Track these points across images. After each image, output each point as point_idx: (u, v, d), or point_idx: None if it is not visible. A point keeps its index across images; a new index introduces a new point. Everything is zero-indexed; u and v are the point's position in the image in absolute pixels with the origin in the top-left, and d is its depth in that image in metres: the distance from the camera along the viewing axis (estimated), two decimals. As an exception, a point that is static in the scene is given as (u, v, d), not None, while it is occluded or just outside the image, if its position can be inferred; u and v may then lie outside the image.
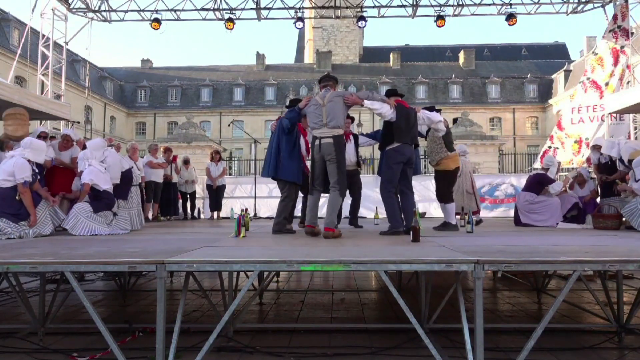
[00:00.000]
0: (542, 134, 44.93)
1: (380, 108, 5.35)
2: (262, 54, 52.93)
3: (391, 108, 5.38)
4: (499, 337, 4.08)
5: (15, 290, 4.33)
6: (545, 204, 7.04)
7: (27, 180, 5.11)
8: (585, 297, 5.82)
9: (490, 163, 26.17)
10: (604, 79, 10.78)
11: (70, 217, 5.49)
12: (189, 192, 10.92)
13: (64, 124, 12.62)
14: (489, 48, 57.38)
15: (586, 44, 43.84)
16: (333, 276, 7.63)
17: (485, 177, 13.93)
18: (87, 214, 5.52)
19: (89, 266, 3.21)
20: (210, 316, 4.86)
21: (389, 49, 55.13)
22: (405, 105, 5.57)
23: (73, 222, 5.44)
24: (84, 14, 13.52)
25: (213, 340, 3.12)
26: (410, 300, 4.00)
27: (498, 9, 13.15)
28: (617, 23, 10.87)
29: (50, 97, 11.87)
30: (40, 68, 13.07)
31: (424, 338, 3.07)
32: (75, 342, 4.01)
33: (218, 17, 13.50)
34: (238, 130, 42.04)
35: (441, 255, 3.25)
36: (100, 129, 41.62)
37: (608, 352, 3.76)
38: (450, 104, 44.58)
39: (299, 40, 62.66)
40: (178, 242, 4.50)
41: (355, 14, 14.06)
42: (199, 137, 26.19)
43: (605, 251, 3.65)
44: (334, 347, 3.83)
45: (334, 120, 4.99)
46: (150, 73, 51.06)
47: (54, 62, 13.19)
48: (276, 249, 3.99)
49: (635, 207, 5.87)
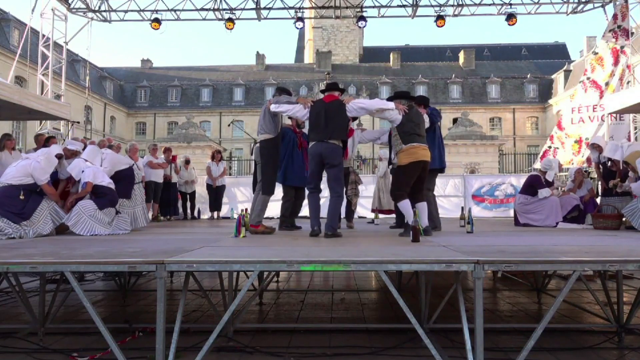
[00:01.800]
0: (542, 134, 44.94)
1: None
2: (262, 54, 52.97)
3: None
4: (499, 337, 4.08)
5: (15, 290, 4.34)
6: (541, 203, 7.04)
7: (49, 180, 5.57)
8: (585, 297, 5.81)
9: (490, 163, 26.20)
10: (604, 79, 10.78)
11: (73, 214, 5.52)
12: (188, 192, 10.92)
13: (64, 124, 12.62)
14: (489, 48, 57.40)
15: (586, 44, 43.87)
16: (333, 276, 7.63)
17: (485, 177, 13.91)
18: (90, 212, 5.53)
19: (89, 266, 3.21)
20: (210, 316, 4.86)
21: (389, 49, 55.14)
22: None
23: (75, 220, 5.47)
24: (84, 14, 13.53)
25: (213, 340, 3.12)
26: (410, 300, 4.01)
27: (498, 9, 13.15)
28: (617, 23, 10.87)
29: (50, 97, 11.88)
30: (40, 68, 13.08)
31: (424, 338, 3.07)
32: (75, 342, 4.01)
33: (218, 17, 13.51)
34: (238, 130, 42.04)
35: (441, 255, 3.25)
36: (100, 129, 41.62)
37: (608, 352, 3.76)
38: (450, 104, 44.61)
39: (299, 40, 62.68)
40: (178, 242, 4.50)
41: (355, 14, 14.06)
42: (199, 137, 26.21)
43: (605, 251, 3.65)
44: (334, 347, 3.83)
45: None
46: (150, 73, 51.07)
47: (54, 62, 13.19)
48: (276, 249, 3.99)
49: (636, 207, 5.87)
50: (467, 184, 12.66)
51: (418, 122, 5.34)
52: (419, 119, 5.41)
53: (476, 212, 11.07)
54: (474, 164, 26.20)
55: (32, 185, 5.35)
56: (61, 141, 11.71)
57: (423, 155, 5.21)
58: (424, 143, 5.28)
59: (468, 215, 5.67)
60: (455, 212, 10.71)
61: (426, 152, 5.25)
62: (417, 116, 5.38)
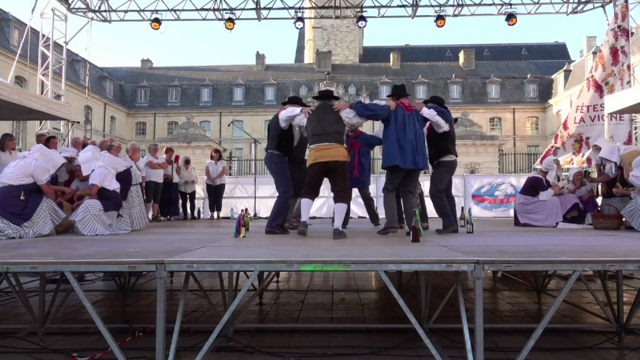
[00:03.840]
0: (542, 134, 44.96)
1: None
2: (262, 54, 52.93)
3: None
4: (499, 337, 4.08)
5: (15, 290, 4.34)
6: (541, 203, 7.03)
7: (48, 180, 5.59)
8: (585, 297, 5.81)
9: (490, 163, 26.19)
10: (604, 78, 10.77)
11: (80, 210, 5.57)
12: (188, 192, 10.92)
13: (64, 124, 12.62)
14: (489, 48, 57.38)
15: (586, 44, 43.89)
16: (333, 276, 7.63)
17: (485, 177, 13.92)
18: (95, 211, 5.58)
19: (89, 266, 3.21)
20: (210, 316, 4.87)
21: (389, 49, 55.12)
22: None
23: (81, 216, 5.55)
24: (84, 14, 13.51)
25: (213, 340, 3.12)
26: (410, 300, 4.01)
27: (498, 9, 13.14)
28: (617, 23, 10.86)
29: (50, 97, 11.87)
30: (40, 68, 13.07)
31: (424, 338, 3.07)
32: (75, 342, 4.01)
33: (218, 17, 13.49)
34: (238, 130, 42.03)
35: (441, 255, 3.25)
36: (100, 129, 41.62)
37: (608, 352, 3.76)
38: (450, 104, 43.98)
39: (299, 40, 62.66)
40: (178, 242, 4.50)
41: (355, 14, 14.06)
42: (199, 137, 26.20)
43: (605, 251, 3.65)
44: (334, 347, 3.83)
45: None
46: (150, 73, 51.05)
47: (54, 62, 13.18)
48: (276, 249, 3.99)
49: (635, 207, 5.87)
50: (467, 184, 12.67)
51: (321, 120, 5.09)
52: (324, 116, 5.13)
53: (476, 212, 11.08)
54: (474, 164, 26.20)
55: (32, 185, 5.36)
56: (61, 141, 11.72)
57: (322, 157, 4.98)
58: (329, 142, 4.99)
59: (468, 215, 5.68)
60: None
61: (328, 152, 4.97)
62: (321, 114, 5.16)
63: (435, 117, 5.36)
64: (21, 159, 5.53)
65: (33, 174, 5.33)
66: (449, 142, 5.61)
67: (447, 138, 5.57)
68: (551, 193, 7.06)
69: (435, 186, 5.63)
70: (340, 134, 5.13)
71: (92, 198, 5.73)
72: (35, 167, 5.36)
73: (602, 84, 10.79)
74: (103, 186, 5.81)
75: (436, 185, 5.63)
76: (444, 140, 5.57)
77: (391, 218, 5.30)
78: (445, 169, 5.65)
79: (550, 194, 7.05)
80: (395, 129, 5.20)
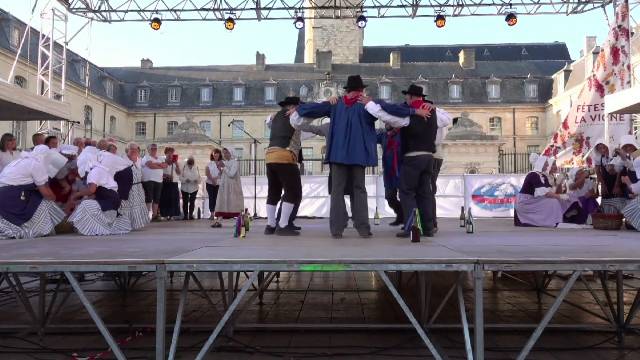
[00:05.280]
0: (542, 134, 44.95)
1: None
2: (262, 54, 52.91)
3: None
4: (499, 337, 4.08)
5: (15, 290, 4.34)
6: (541, 203, 7.03)
7: (47, 181, 5.60)
8: (585, 297, 5.81)
9: (490, 163, 26.21)
10: (605, 78, 10.77)
11: (78, 211, 5.56)
12: (190, 192, 10.92)
13: (64, 124, 12.62)
14: (489, 48, 57.36)
15: (586, 44, 43.87)
16: (333, 276, 7.63)
17: (485, 177, 13.91)
18: (93, 211, 5.57)
19: (89, 266, 3.21)
20: (210, 316, 4.87)
21: (389, 49, 55.10)
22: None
23: (80, 216, 5.54)
24: (84, 14, 13.51)
25: (213, 340, 3.12)
26: (410, 300, 4.01)
27: (498, 9, 13.14)
28: (618, 22, 10.86)
29: (50, 97, 11.87)
30: (40, 68, 13.06)
31: (424, 338, 3.07)
32: (75, 342, 4.01)
33: (218, 17, 13.49)
34: (238, 130, 42.03)
35: (441, 255, 3.25)
36: (100, 129, 41.60)
37: (608, 352, 3.76)
38: (450, 104, 44.54)
39: (299, 40, 62.64)
40: (178, 242, 4.50)
41: (355, 14, 14.05)
42: (199, 137, 26.24)
43: (605, 251, 3.65)
44: (334, 347, 3.83)
45: None
46: (150, 73, 51.04)
47: (54, 62, 13.18)
48: (276, 249, 3.99)
49: (636, 207, 5.87)
50: (467, 184, 12.67)
51: (278, 124, 5.58)
52: (277, 121, 5.63)
53: (476, 212, 11.08)
54: (474, 164, 26.23)
55: (32, 185, 5.36)
56: (61, 141, 11.71)
57: (267, 159, 5.60)
58: (275, 145, 5.51)
59: (468, 215, 5.68)
60: (455, 212, 10.72)
61: (271, 155, 5.51)
62: (277, 120, 5.65)
63: (378, 113, 5.04)
64: (22, 159, 5.53)
65: (32, 174, 5.32)
66: (411, 138, 5.18)
67: (408, 133, 5.19)
68: (545, 190, 7.02)
69: (400, 184, 5.31)
70: (285, 138, 5.47)
71: (89, 198, 5.72)
72: (35, 167, 5.36)
73: (603, 83, 10.79)
74: (100, 184, 5.79)
75: (401, 183, 5.30)
76: (405, 136, 5.25)
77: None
78: (409, 166, 5.18)
79: (545, 191, 7.01)
80: (333, 124, 5.14)
